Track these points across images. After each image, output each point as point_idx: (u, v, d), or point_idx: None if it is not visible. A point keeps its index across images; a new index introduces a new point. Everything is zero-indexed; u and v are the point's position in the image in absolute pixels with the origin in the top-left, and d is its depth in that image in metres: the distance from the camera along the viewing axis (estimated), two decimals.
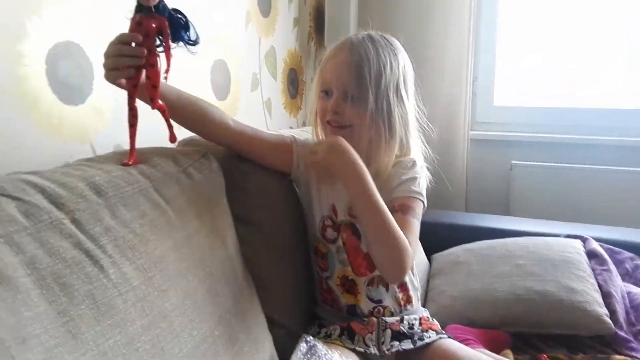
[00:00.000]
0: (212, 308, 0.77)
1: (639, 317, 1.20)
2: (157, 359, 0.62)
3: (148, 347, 0.62)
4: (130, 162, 0.81)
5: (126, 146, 1.09)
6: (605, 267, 1.27)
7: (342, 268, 1.04)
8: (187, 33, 0.81)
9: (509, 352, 1.10)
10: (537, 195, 2.02)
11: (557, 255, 1.27)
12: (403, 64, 1.02)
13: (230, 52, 1.53)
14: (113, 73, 0.80)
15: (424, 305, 1.21)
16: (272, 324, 0.97)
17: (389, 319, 1.02)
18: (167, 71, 0.81)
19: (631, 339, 1.13)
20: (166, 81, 0.83)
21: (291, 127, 1.99)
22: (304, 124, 2.10)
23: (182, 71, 1.28)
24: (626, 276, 1.33)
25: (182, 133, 1.24)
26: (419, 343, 0.98)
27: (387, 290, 1.05)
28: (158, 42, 0.80)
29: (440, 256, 1.47)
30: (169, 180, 0.81)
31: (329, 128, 1.01)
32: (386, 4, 2.18)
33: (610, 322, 1.14)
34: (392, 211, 0.94)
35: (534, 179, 2.03)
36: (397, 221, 0.92)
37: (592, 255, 1.33)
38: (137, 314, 0.62)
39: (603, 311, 1.15)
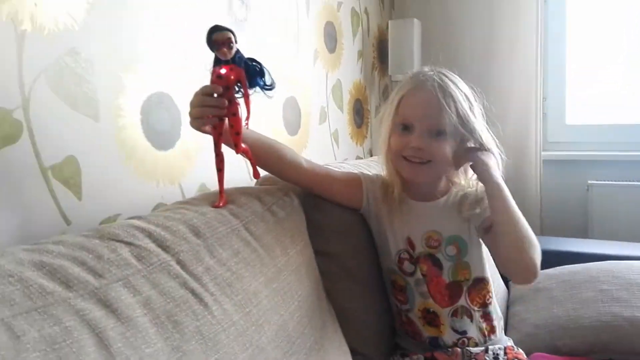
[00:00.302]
0: (302, 340, 0.81)
1: None
2: None
3: None
4: (220, 204, 0.88)
5: (209, 185, 1.18)
6: None
7: (422, 300, 1.06)
8: (263, 79, 0.86)
9: None
10: (616, 216, 1.95)
11: None
12: (474, 96, 1.05)
13: (300, 89, 1.61)
14: (198, 121, 0.86)
15: (505, 334, 1.20)
16: (354, 354, 1.00)
17: (474, 349, 1.03)
18: (247, 118, 0.87)
19: None
20: (247, 127, 0.89)
21: (358, 157, 2.04)
22: (370, 153, 2.14)
23: (258, 110, 1.37)
24: None
25: (259, 172, 1.33)
26: None
27: (472, 320, 1.05)
28: (237, 90, 0.86)
29: None
30: (256, 219, 0.88)
31: (405, 163, 1.02)
32: (449, 29, 2.21)
33: None
34: (492, 226, 0.98)
35: (613, 199, 1.96)
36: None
37: None
38: (238, 347, 0.68)
39: None
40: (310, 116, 1.67)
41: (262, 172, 1.08)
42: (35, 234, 0.83)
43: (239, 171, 1.30)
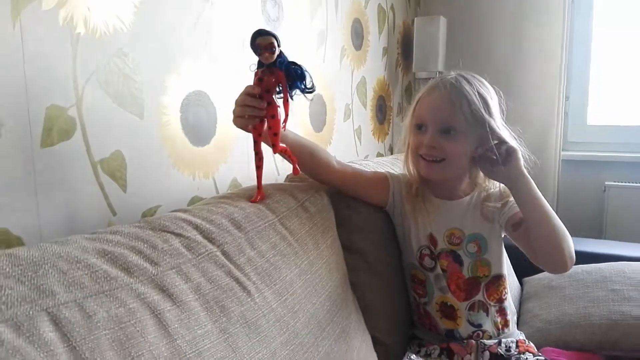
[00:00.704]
0: (332, 327, 0.88)
1: None
2: None
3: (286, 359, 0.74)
4: (257, 199, 0.94)
5: (240, 180, 1.25)
6: None
7: (441, 295, 1.11)
8: (304, 82, 0.89)
9: None
10: (632, 218, 1.98)
11: None
12: (495, 98, 1.09)
13: (327, 87, 1.66)
14: (239, 120, 0.91)
15: (517, 329, 1.25)
16: (375, 343, 1.06)
17: (488, 342, 1.09)
18: (285, 120, 0.91)
19: None
20: (284, 129, 0.94)
21: (379, 153, 2.08)
22: (390, 150, 2.19)
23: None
24: None
25: (287, 167, 1.39)
26: None
27: (487, 315, 1.11)
28: (278, 92, 0.89)
29: (533, 280, 1.50)
30: (291, 214, 0.94)
31: (422, 162, 1.08)
32: (475, 27, 2.23)
33: None
34: (516, 224, 1.03)
35: (629, 201, 1.99)
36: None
37: None
38: (276, 332, 0.75)
39: None
40: (335, 113, 1.72)
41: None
42: (85, 222, 0.90)
43: (266, 167, 1.36)
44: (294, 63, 0.88)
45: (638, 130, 2.14)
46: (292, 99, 0.90)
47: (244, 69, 1.24)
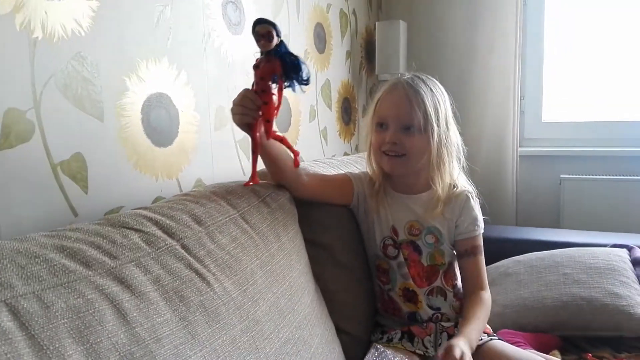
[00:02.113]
0: (293, 316, 0.91)
1: None
2: (253, 355, 0.77)
3: (246, 346, 0.77)
4: (251, 183, 0.97)
5: (205, 180, 1.27)
6: None
7: (403, 281, 1.17)
8: (300, 73, 0.90)
9: (556, 352, 1.19)
10: (586, 208, 2.07)
11: (602, 264, 1.35)
12: (447, 98, 1.15)
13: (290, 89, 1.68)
14: (237, 117, 0.95)
15: None
16: (339, 331, 1.10)
17: (446, 324, 1.14)
18: (277, 108, 0.93)
19: None
20: (276, 117, 0.95)
21: (346, 153, 2.13)
22: (357, 149, 2.23)
23: None
24: None
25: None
26: None
27: (445, 299, 1.17)
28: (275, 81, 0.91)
29: (491, 268, 1.55)
30: (252, 209, 0.97)
31: (385, 158, 1.13)
32: (434, 31, 2.30)
33: None
34: (465, 254, 1.13)
35: (583, 192, 2.08)
36: (470, 264, 1.13)
37: (637, 262, 1.39)
38: (236, 319, 0.77)
39: None
40: (300, 114, 1.75)
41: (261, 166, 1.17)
42: (45, 224, 0.90)
43: (232, 166, 1.38)
44: (291, 54, 0.89)
45: (590, 126, 2.24)
46: (294, 90, 0.92)
47: (205, 72, 1.28)
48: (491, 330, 1.17)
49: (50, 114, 0.91)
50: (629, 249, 1.47)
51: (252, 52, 1.29)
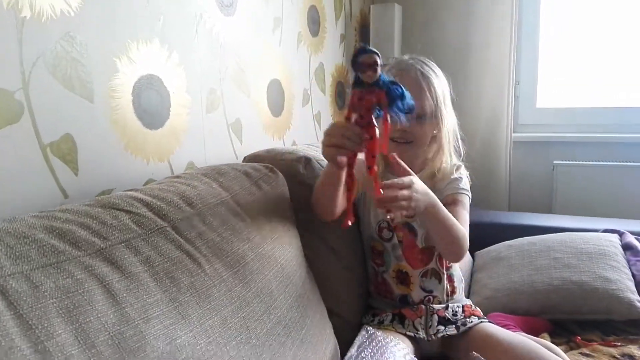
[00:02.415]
0: (284, 297, 0.91)
1: None
2: (244, 335, 0.78)
3: (237, 326, 0.77)
4: (349, 223, 0.89)
5: (197, 163, 1.26)
6: (639, 258, 1.34)
7: (397, 263, 1.18)
8: (403, 102, 0.83)
9: (546, 335, 1.20)
10: (579, 194, 2.08)
11: (593, 249, 1.36)
12: (446, 85, 1.16)
13: (284, 72, 1.67)
14: (332, 150, 0.89)
15: (467, 298, 1.32)
16: (330, 314, 1.11)
17: (436, 306, 1.15)
18: (385, 142, 0.85)
19: None
20: (384, 152, 0.90)
21: None
22: None
23: (243, 91, 1.44)
24: None
25: (245, 149, 1.40)
26: (462, 329, 1.10)
27: (440, 282, 1.18)
28: (377, 112, 0.84)
29: (483, 252, 1.57)
30: (244, 192, 0.97)
31: (392, 144, 1.12)
32: (429, 14, 2.28)
33: None
34: (446, 205, 1.09)
35: (576, 178, 2.09)
36: (450, 213, 1.07)
37: (627, 247, 1.40)
38: (227, 300, 0.78)
39: (635, 297, 1.24)
40: (293, 98, 1.74)
41: (248, 151, 1.16)
42: (35, 206, 0.89)
43: (224, 149, 1.38)
44: (393, 82, 0.84)
45: (584, 111, 2.24)
46: (400, 121, 0.86)
47: (196, 53, 1.26)
48: (481, 313, 1.17)
49: (39, 95, 0.89)
50: (620, 234, 1.48)
51: (245, 34, 1.27)
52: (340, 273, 1.18)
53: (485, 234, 1.64)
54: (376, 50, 0.80)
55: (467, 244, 1.10)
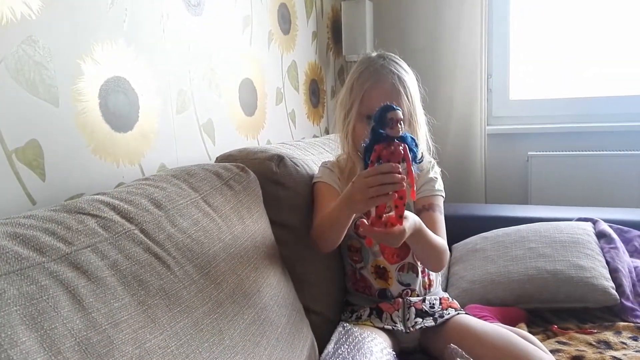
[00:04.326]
0: (258, 297, 0.90)
1: None
2: (217, 337, 0.77)
3: (209, 328, 0.76)
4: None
5: (169, 165, 1.25)
6: (613, 246, 1.37)
7: (374, 258, 1.19)
8: (417, 150, 0.92)
9: (523, 325, 1.21)
10: (553, 184, 2.11)
11: (567, 237, 1.37)
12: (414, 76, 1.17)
13: (256, 71, 1.66)
14: (372, 201, 0.90)
15: (445, 291, 1.33)
16: (307, 312, 1.10)
17: (413, 299, 1.16)
18: (412, 191, 0.91)
19: (637, 308, 1.23)
20: (413, 199, 0.97)
21: (315, 135, 2.12)
22: (326, 131, 2.23)
23: (214, 91, 1.43)
24: (635, 253, 1.42)
25: (218, 150, 1.39)
26: (440, 320, 1.11)
27: (417, 275, 1.19)
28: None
29: (459, 245, 1.58)
30: (215, 192, 0.96)
31: None
32: (400, 10, 2.29)
33: (616, 294, 1.24)
34: (422, 210, 1.12)
35: (550, 168, 2.12)
36: (426, 218, 1.09)
37: (601, 235, 1.42)
38: (199, 302, 0.77)
39: (609, 284, 1.25)
40: (266, 97, 1.73)
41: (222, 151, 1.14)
42: (1, 213, 0.88)
43: (196, 150, 1.37)
44: (410, 135, 0.91)
45: (556, 103, 2.28)
46: (415, 171, 0.92)
47: (164, 54, 1.25)
48: (458, 305, 1.18)
49: (3, 100, 0.88)
50: (594, 222, 1.50)
51: (214, 34, 1.26)
52: (317, 270, 1.18)
53: (462, 227, 1.66)
54: (398, 107, 0.87)
55: (448, 254, 1.13)
